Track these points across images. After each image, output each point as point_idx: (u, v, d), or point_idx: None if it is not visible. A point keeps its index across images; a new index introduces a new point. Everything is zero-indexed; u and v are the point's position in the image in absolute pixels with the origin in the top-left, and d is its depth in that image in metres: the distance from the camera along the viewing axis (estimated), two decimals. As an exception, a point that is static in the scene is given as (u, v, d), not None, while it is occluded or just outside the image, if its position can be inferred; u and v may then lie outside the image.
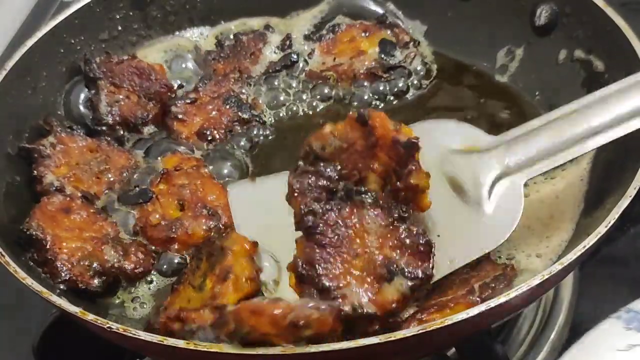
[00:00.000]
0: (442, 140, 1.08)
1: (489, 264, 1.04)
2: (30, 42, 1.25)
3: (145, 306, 1.09)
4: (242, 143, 1.29)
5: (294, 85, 1.38)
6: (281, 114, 1.34)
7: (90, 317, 0.91)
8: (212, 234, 1.13)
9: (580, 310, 1.18)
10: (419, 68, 1.38)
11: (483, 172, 1.05)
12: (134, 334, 0.89)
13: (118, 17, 1.39)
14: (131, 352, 1.00)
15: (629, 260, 1.20)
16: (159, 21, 1.43)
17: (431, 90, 1.37)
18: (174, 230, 1.12)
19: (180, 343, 0.87)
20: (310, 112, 1.35)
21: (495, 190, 1.05)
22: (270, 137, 1.31)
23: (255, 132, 1.30)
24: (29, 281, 0.96)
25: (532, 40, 1.34)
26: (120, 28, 1.40)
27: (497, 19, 1.36)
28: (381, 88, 1.35)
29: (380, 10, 1.45)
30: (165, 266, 1.12)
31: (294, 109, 1.35)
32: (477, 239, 1.04)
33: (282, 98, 1.36)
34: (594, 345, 1.00)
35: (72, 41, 1.32)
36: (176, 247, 1.13)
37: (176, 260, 1.13)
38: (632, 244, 1.22)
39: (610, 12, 1.20)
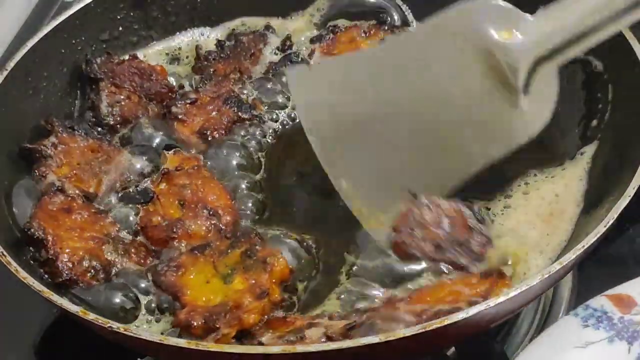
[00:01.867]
0: (482, 26, 1.07)
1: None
2: (31, 43, 1.25)
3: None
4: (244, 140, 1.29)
5: (293, 85, 1.38)
6: (282, 115, 1.34)
7: (91, 316, 0.92)
8: (211, 234, 1.13)
9: (580, 310, 1.18)
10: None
11: (521, 61, 1.05)
12: (135, 334, 0.89)
13: (119, 17, 1.39)
14: (132, 351, 1.00)
15: (628, 260, 1.20)
16: (160, 21, 1.43)
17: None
18: (174, 230, 1.12)
19: (182, 342, 0.88)
20: (310, 113, 1.35)
21: (531, 80, 1.06)
22: (271, 138, 1.31)
23: (256, 132, 1.30)
24: (30, 281, 0.96)
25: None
26: (120, 28, 1.40)
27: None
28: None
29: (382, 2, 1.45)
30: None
31: (295, 110, 1.35)
32: (514, 131, 1.08)
33: (282, 99, 1.36)
34: (551, 342, 1.00)
35: (73, 41, 1.33)
36: (176, 246, 1.13)
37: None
38: (631, 243, 1.22)
39: (609, 11, 1.20)
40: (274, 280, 1.04)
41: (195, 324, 0.98)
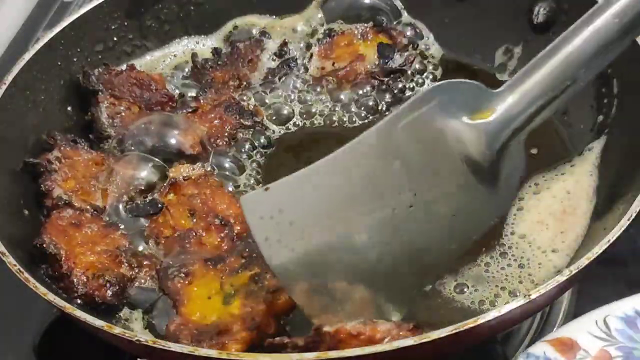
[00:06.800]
0: (451, 111, 1.00)
1: None
2: (27, 55, 1.23)
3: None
4: (247, 147, 1.28)
5: (293, 90, 1.37)
6: (282, 120, 1.34)
7: (116, 330, 0.90)
8: (224, 243, 1.11)
9: (579, 310, 1.17)
10: (419, 70, 1.38)
11: (493, 143, 1.00)
12: (164, 346, 0.87)
13: (113, 27, 1.37)
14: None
15: (627, 260, 1.21)
16: (154, 31, 1.42)
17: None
18: (187, 241, 1.11)
19: (213, 353, 0.86)
20: (311, 118, 1.34)
21: (504, 156, 1.02)
22: (273, 143, 1.30)
23: (258, 138, 1.29)
24: (51, 297, 0.94)
25: (530, 38, 1.35)
26: (115, 39, 1.38)
27: (495, 18, 1.37)
28: (383, 92, 1.35)
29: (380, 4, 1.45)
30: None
31: (295, 114, 1.35)
32: (489, 210, 1.05)
33: (282, 104, 1.35)
34: None
35: (69, 53, 1.30)
36: (189, 257, 1.11)
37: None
38: (631, 244, 1.22)
39: (610, 7, 1.21)
40: (272, 313, 1.00)
41: (181, 338, 0.97)
